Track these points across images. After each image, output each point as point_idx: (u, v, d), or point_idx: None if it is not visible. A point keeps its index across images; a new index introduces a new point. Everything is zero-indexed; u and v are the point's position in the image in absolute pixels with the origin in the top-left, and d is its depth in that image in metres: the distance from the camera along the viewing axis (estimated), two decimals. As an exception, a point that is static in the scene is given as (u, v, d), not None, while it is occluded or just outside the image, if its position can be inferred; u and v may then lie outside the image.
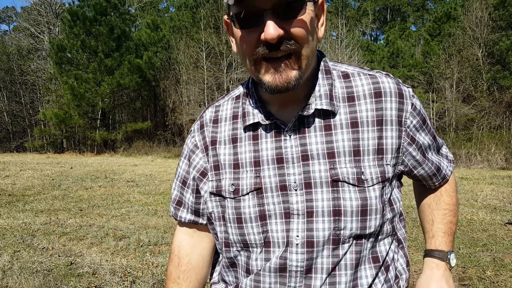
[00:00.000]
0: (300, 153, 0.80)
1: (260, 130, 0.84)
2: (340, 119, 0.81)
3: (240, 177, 0.84)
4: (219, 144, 0.89)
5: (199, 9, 23.19)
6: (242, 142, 0.86)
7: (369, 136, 0.80)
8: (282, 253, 0.80)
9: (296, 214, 0.79)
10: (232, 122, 0.89)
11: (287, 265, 0.80)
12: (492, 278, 3.26)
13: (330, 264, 0.79)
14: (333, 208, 0.78)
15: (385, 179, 0.81)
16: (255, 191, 0.82)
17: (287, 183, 0.80)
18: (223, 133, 0.89)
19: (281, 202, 0.80)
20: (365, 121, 0.81)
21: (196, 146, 0.93)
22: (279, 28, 0.70)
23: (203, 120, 0.94)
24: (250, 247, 0.84)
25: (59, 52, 19.64)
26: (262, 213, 0.81)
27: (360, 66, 0.90)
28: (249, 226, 0.82)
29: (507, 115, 17.74)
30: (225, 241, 0.88)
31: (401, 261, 0.92)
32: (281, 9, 0.70)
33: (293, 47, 0.72)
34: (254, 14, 0.70)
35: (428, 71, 21.71)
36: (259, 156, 0.83)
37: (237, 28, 0.74)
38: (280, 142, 0.82)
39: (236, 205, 0.84)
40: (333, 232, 0.78)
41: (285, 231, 0.80)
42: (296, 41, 0.72)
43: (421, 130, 0.86)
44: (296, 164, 0.80)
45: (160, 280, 3.33)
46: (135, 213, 5.88)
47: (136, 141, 20.42)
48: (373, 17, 43.58)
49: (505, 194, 6.84)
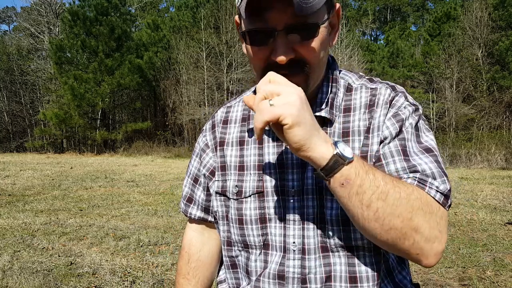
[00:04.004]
0: (300, 160, 0.81)
1: (264, 134, 0.85)
2: (334, 127, 0.82)
3: (244, 179, 0.86)
4: (226, 145, 0.91)
5: (199, 9, 23.19)
6: (249, 145, 0.87)
7: (359, 145, 0.79)
8: (281, 259, 0.81)
9: (292, 220, 0.80)
10: (240, 125, 0.91)
11: (285, 272, 0.81)
12: (492, 278, 3.26)
13: (323, 274, 0.79)
14: (319, 215, 0.78)
15: None
16: (257, 194, 0.84)
17: (285, 188, 0.81)
18: (232, 134, 0.91)
19: (280, 207, 0.82)
20: (356, 130, 0.80)
21: (207, 146, 0.95)
22: (289, 51, 0.69)
23: (214, 120, 0.96)
24: (250, 248, 0.85)
25: (59, 52, 19.65)
26: (263, 216, 0.83)
27: (370, 77, 0.88)
28: (249, 228, 0.84)
29: (507, 115, 17.76)
30: (227, 240, 0.90)
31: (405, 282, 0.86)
32: (294, 31, 0.69)
33: (302, 73, 0.72)
34: (266, 33, 0.70)
35: (428, 71, 21.72)
36: (263, 160, 0.85)
37: (248, 45, 0.74)
38: (281, 147, 0.83)
39: (238, 206, 0.85)
40: (320, 239, 0.79)
41: (282, 236, 0.81)
42: (307, 63, 0.72)
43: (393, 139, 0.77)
44: (295, 170, 0.81)
45: (160, 280, 3.33)
46: (135, 213, 5.88)
47: (136, 141, 20.42)
48: (373, 17, 43.61)
49: (505, 194, 6.84)
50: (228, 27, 20.03)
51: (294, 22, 0.68)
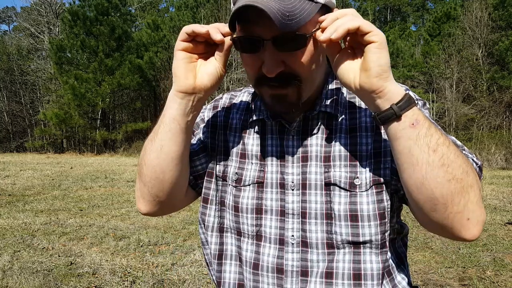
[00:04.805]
0: (300, 153, 0.81)
1: (267, 126, 0.86)
2: (340, 124, 0.81)
3: (245, 167, 0.86)
4: (229, 130, 0.90)
5: (199, 9, 23.19)
6: (251, 134, 0.87)
7: (367, 141, 0.79)
8: (277, 252, 0.81)
9: (291, 213, 0.80)
10: (244, 113, 0.90)
11: (283, 265, 0.80)
12: (492, 278, 3.26)
13: (324, 269, 0.78)
14: (326, 211, 0.78)
15: (379, 182, 0.77)
16: (257, 184, 0.84)
17: (285, 181, 0.81)
18: (235, 120, 0.90)
19: (278, 199, 0.82)
20: (363, 126, 0.80)
21: (203, 121, 0.94)
22: (279, 63, 0.70)
23: (218, 103, 0.95)
24: (242, 236, 0.85)
25: (59, 52, 19.63)
26: (259, 206, 0.83)
27: None
28: (244, 216, 0.84)
29: (507, 115, 17.75)
30: (219, 226, 0.89)
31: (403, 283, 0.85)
32: (282, 41, 0.68)
33: (292, 85, 0.72)
34: (254, 41, 0.69)
35: (428, 71, 21.71)
36: (265, 151, 0.85)
37: (239, 51, 0.74)
38: (283, 140, 0.83)
39: (236, 193, 0.85)
40: (326, 235, 0.78)
41: (278, 229, 0.81)
42: (297, 73, 0.72)
43: None
44: (296, 164, 0.81)
45: (160, 280, 3.33)
46: (135, 213, 5.88)
47: (136, 141, 20.40)
48: (373, 17, 43.59)
49: (505, 194, 6.84)
50: (228, 27, 20.04)
51: (281, 34, 0.67)
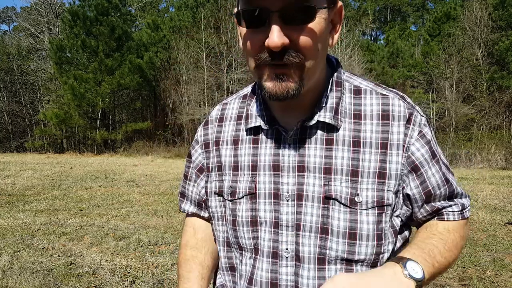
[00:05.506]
0: (296, 163, 0.78)
1: (261, 134, 0.82)
2: (343, 135, 0.77)
3: (238, 179, 0.84)
4: (221, 144, 0.88)
5: (199, 9, 23.19)
6: (243, 144, 0.84)
7: (370, 158, 0.76)
8: (271, 266, 0.79)
9: (285, 225, 0.78)
10: (236, 123, 0.88)
11: (278, 279, 0.79)
12: (492, 278, 3.26)
13: (316, 286, 0.76)
14: (321, 225, 0.76)
15: (382, 204, 0.76)
16: (249, 196, 0.81)
17: (279, 192, 0.78)
18: (227, 133, 0.88)
19: (272, 210, 0.79)
20: (368, 142, 0.76)
21: (197, 142, 0.94)
22: (284, 36, 0.65)
23: (209, 118, 0.94)
24: (243, 250, 0.84)
25: (59, 52, 19.65)
26: (254, 218, 0.81)
27: (377, 83, 0.85)
28: (241, 230, 0.82)
29: (507, 115, 17.76)
30: (226, 240, 0.88)
31: None
32: (290, 13, 0.65)
33: (296, 60, 0.68)
34: (260, 13, 0.66)
35: (428, 71, 21.72)
36: (257, 161, 0.82)
37: (243, 27, 0.70)
38: (278, 149, 0.80)
39: (232, 207, 0.84)
40: (318, 250, 0.76)
41: (272, 241, 0.79)
42: (301, 52, 0.68)
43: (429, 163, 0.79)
44: (291, 174, 0.78)
45: (160, 280, 3.33)
46: (135, 213, 5.89)
47: (136, 141, 20.42)
48: (373, 17, 43.61)
49: (505, 194, 6.84)
50: (228, 27, 20.02)
51: (289, 5, 0.64)
